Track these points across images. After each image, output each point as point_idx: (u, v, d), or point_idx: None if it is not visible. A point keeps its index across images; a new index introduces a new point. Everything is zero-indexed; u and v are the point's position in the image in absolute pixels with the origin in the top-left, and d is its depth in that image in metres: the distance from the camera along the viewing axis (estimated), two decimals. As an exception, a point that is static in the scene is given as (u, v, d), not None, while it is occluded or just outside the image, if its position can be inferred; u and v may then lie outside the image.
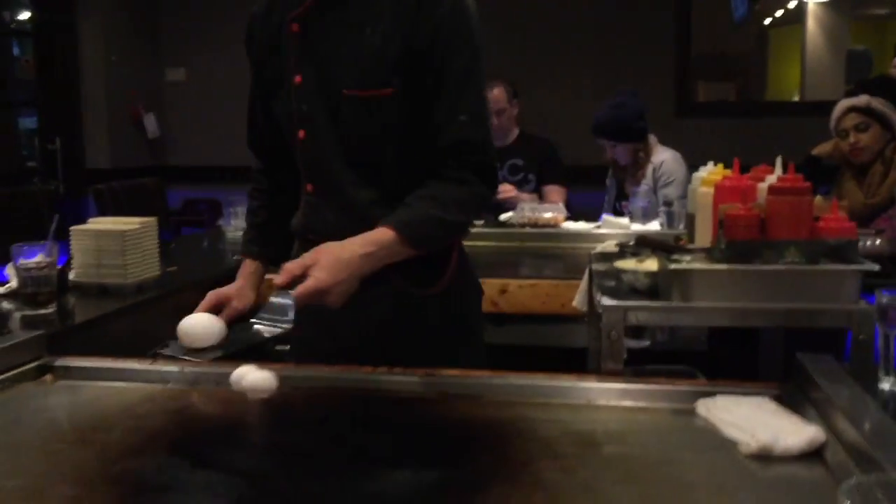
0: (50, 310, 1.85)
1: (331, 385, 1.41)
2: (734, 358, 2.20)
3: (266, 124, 1.62)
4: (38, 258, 1.84)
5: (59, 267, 1.91)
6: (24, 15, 6.34)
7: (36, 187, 4.10)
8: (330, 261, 1.35)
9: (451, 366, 1.44)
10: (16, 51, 6.21)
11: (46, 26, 5.28)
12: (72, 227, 2.11)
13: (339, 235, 1.43)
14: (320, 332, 1.60)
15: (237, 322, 1.61)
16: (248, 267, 1.66)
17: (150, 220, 2.19)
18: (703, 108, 5.45)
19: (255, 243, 1.69)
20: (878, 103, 2.67)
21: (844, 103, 2.76)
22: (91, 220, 2.21)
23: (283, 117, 1.55)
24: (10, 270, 2.01)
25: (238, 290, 1.62)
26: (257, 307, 1.76)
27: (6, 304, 1.97)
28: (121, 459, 1.12)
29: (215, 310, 1.57)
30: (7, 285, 2.04)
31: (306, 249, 1.45)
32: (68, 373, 1.48)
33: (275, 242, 1.68)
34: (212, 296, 1.59)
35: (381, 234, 1.40)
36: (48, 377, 1.47)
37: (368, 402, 1.36)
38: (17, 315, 1.87)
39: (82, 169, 5.26)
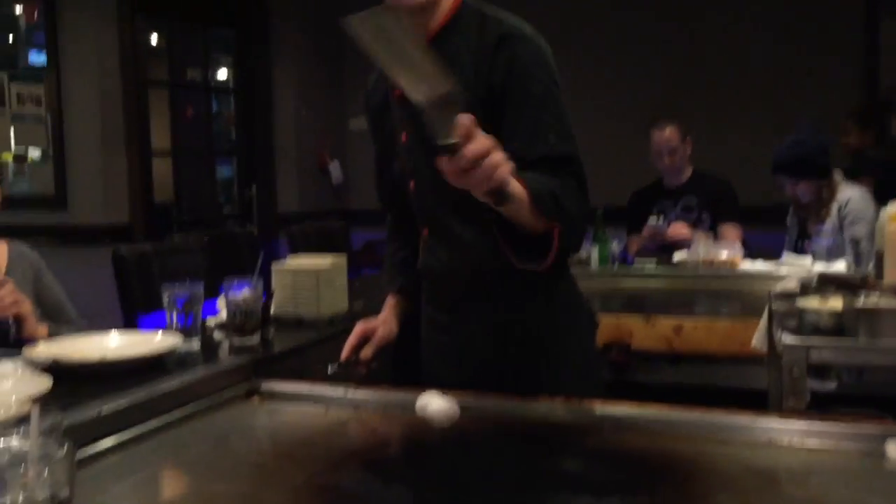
0: (255, 339, 2.02)
1: (507, 412, 1.47)
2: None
3: (390, 180, 1.78)
4: (245, 292, 2.03)
5: (262, 301, 2.10)
6: (223, 73, 6.97)
7: (236, 230, 4.46)
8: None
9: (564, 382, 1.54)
10: (214, 106, 6.82)
11: (245, 83, 5.78)
12: (273, 265, 2.31)
13: (452, 273, 1.63)
14: (439, 361, 1.72)
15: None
16: (391, 301, 1.84)
17: (341, 259, 2.37)
18: (894, 143, 5.14)
19: (396, 281, 1.86)
20: None
21: None
22: (289, 257, 2.40)
23: (398, 172, 1.71)
24: (220, 303, 2.23)
25: (383, 321, 1.79)
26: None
27: (217, 334, 2.18)
28: (322, 473, 1.23)
29: (364, 340, 1.74)
30: (218, 317, 2.26)
31: (428, 288, 1.70)
32: (273, 395, 1.63)
33: (411, 279, 1.83)
34: (360, 326, 1.76)
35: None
36: (255, 399, 1.63)
37: (544, 431, 1.41)
38: (226, 343, 2.06)
39: (275, 213, 5.68)
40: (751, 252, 3.41)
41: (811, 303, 1.61)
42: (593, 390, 1.64)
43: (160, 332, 1.92)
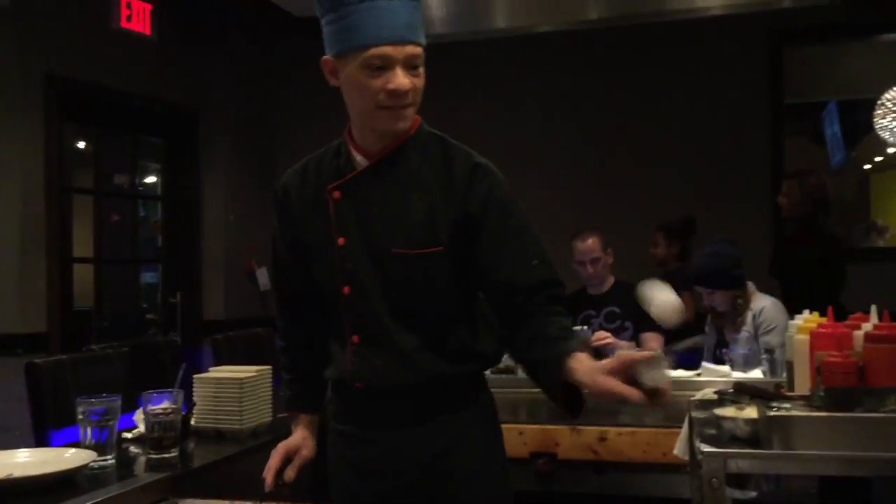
0: (173, 453, 1.96)
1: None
2: (848, 512, 2.12)
3: (298, 285, 1.77)
4: (165, 405, 1.98)
5: (182, 413, 2.05)
6: (151, 179, 6.94)
7: (157, 338, 4.36)
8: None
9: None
10: (141, 212, 6.76)
11: (173, 190, 5.76)
12: (195, 375, 2.27)
13: (388, 381, 1.63)
14: (353, 476, 1.70)
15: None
16: (304, 419, 1.79)
17: (266, 369, 2.34)
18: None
19: (302, 398, 1.81)
20: None
21: None
22: (211, 368, 2.36)
23: (325, 276, 1.68)
24: (138, 416, 2.16)
25: (303, 440, 1.76)
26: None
27: (133, 448, 2.11)
28: None
29: (286, 461, 1.70)
30: (135, 430, 2.19)
31: (349, 397, 1.69)
32: (191, 513, 1.58)
33: (317, 392, 1.80)
34: (281, 448, 1.72)
35: (587, 357, 1.46)
36: (172, 517, 1.57)
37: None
38: (143, 458, 1.99)
39: (200, 320, 5.58)
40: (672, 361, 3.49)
41: (728, 412, 1.65)
42: (508, 500, 1.69)
43: (72, 448, 1.85)
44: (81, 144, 6.08)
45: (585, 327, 3.66)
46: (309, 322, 1.79)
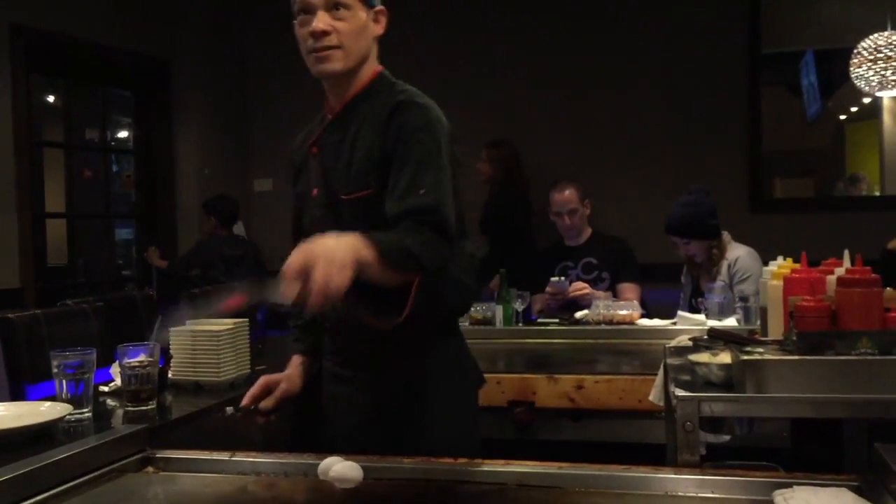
0: (151, 406, 1.96)
1: (412, 476, 1.47)
2: (818, 454, 2.16)
3: (301, 233, 1.81)
4: (141, 357, 1.97)
5: (159, 366, 2.04)
6: (123, 133, 6.83)
7: (133, 293, 4.33)
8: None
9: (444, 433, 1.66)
10: (114, 167, 6.66)
11: (146, 144, 5.68)
12: (171, 328, 2.25)
13: (346, 323, 1.70)
14: (333, 409, 1.79)
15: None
16: (297, 359, 1.86)
17: (242, 322, 2.33)
18: (777, 205, 5.43)
19: (301, 341, 1.89)
20: None
21: None
22: (188, 321, 2.35)
23: (307, 224, 1.78)
24: (114, 369, 2.16)
25: (287, 377, 1.81)
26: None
27: (110, 401, 2.10)
28: (219, 543, 1.19)
29: (266, 392, 1.76)
30: (112, 384, 2.18)
31: (329, 338, 1.78)
32: (169, 464, 1.58)
33: (315, 336, 1.87)
34: (263, 379, 1.78)
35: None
36: (150, 468, 1.57)
37: (450, 492, 1.41)
38: (121, 411, 1.99)
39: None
40: (648, 310, 3.53)
41: (702, 357, 1.67)
42: (473, 446, 1.73)
43: (48, 401, 1.84)
44: (51, 98, 5.96)
45: (563, 278, 3.68)
46: None
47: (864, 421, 1.81)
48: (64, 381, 1.86)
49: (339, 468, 1.43)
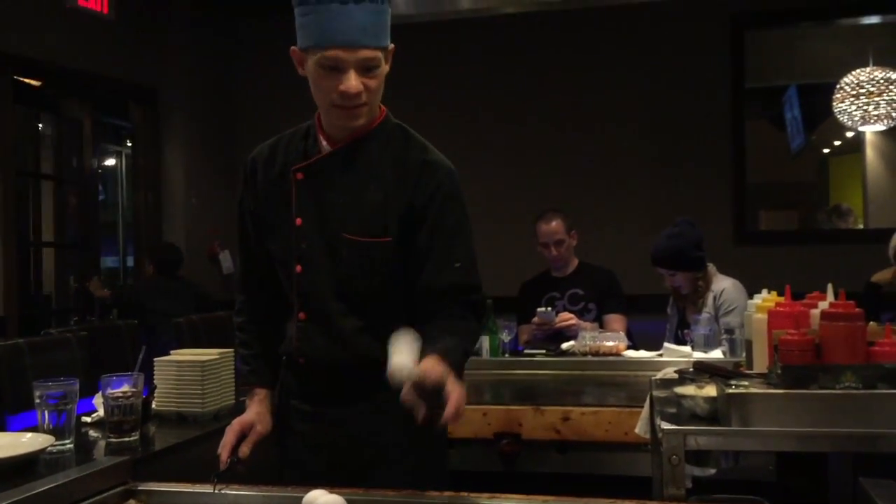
0: (134, 437, 1.94)
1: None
2: (804, 487, 2.16)
3: (259, 261, 1.79)
4: (125, 388, 1.96)
5: (143, 396, 2.02)
6: (111, 161, 6.82)
7: (118, 322, 4.30)
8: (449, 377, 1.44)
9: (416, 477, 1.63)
10: (101, 196, 6.64)
11: (134, 172, 5.67)
12: (156, 359, 2.24)
13: (328, 358, 1.67)
14: (302, 450, 1.74)
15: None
16: (259, 394, 1.78)
17: (228, 352, 2.31)
18: (761, 237, 5.48)
19: (259, 373, 1.80)
20: None
21: None
22: (173, 352, 2.34)
23: (280, 253, 1.73)
24: (97, 400, 2.14)
25: (258, 416, 1.73)
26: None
27: (93, 433, 2.08)
28: (201, 578, 1.17)
29: (242, 437, 1.68)
30: (95, 414, 2.16)
31: (295, 371, 1.74)
32: (152, 497, 1.55)
33: (273, 368, 1.82)
34: (236, 424, 1.70)
35: (439, 361, 1.48)
36: (133, 501, 1.55)
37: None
38: (103, 443, 1.97)
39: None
40: (634, 341, 3.53)
41: (688, 390, 1.67)
42: (443, 478, 1.74)
43: (30, 432, 1.82)
44: (39, 126, 5.96)
45: (550, 308, 3.68)
46: (268, 298, 1.80)
47: (850, 455, 1.82)
48: (46, 412, 1.84)
49: (324, 501, 1.42)
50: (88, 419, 2.15)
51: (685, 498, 1.47)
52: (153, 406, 2.18)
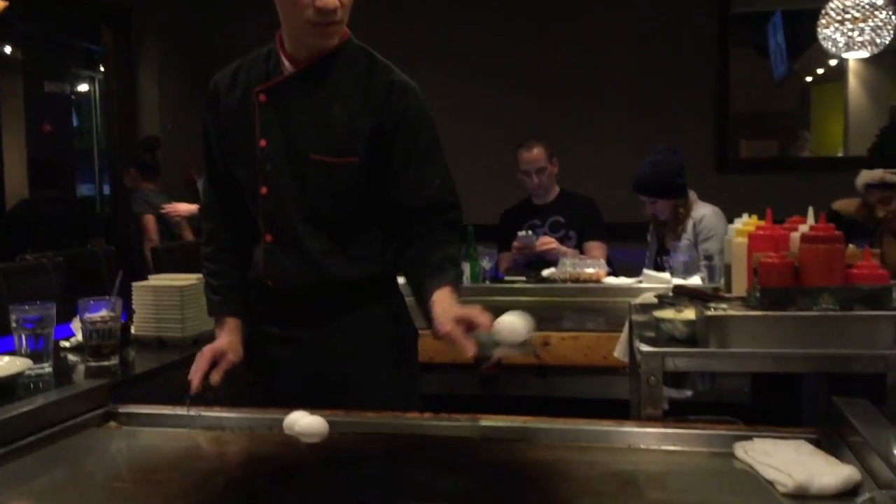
0: (113, 361, 1.94)
1: (378, 431, 1.47)
2: (778, 409, 2.20)
3: (226, 187, 1.76)
4: (103, 313, 1.94)
5: (121, 322, 2.01)
6: (84, 87, 6.66)
7: (94, 248, 4.26)
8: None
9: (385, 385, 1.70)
10: (75, 121, 6.51)
11: (108, 98, 5.55)
12: (134, 283, 2.22)
13: (295, 280, 1.68)
14: (275, 373, 1.75)
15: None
16: (230, 323, 1.76)
17: (207, 277, 2.29)
18: (743, 165, 5.47)
19: (230, 302, 1.78)
20: (892, 175, 2.65)
21: (863, 178, 2.74)
22: (151, 276, 2.32)
23: (245, 176, 1.70)
24: (75, 325, 2.12)
25: (230, 345, 1.72)
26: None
27: (72, 357, 2.07)
28: (181, 496, 1.19)
29: (213, 364, 1.68)
30: (73, 339, 2.15)
31: (263, 294, 1.73)
32: (131, 419, 1.56)
33: (242, 296, 1.79)
34: (207, 352, 1.69)
35: (451, 292, 1.54)
36: (112, 423, 1.56)
37: (416, 446, 1.41)
38: (82, 367, 1.97)
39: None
40: (614, 268, 3.55)
41: (666, 314, 1.68)
42: (415, 399, 1.76)
43: (7, 356, 1.81)
44: (8, 49, 5.79)
45: (531, 232, 3.68)
46: (236, 226, 1.78)
47: (824, 375, 1.84)
48: (23, 336, 1.83)
49: (305, 423, 1.43)
50: (67, 344, 2.15)
51: (662, 418, 1.49)
52: (132, 331, 2.16)
